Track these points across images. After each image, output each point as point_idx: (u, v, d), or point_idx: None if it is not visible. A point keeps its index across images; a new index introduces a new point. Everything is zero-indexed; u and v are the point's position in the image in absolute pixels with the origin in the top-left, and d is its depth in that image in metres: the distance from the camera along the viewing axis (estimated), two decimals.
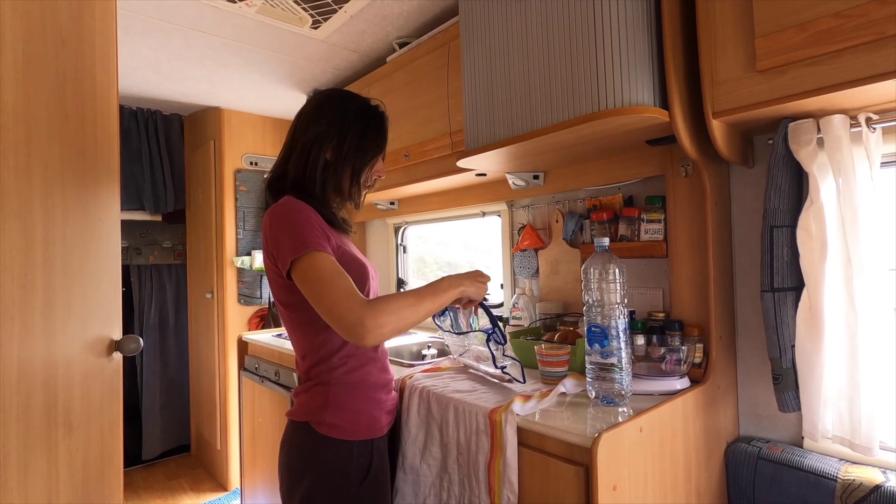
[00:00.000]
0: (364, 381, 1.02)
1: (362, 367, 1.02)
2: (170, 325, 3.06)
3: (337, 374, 0.99)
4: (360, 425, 0.99)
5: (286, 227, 0.90)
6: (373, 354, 1.05)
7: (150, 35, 1.84)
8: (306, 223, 0.91)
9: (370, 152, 1.04)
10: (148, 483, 2.72)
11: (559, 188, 1.61)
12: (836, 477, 1.02)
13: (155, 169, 2.84)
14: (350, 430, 0.97)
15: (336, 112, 1.02)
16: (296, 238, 0.89)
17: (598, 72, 1.04)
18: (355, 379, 1.01)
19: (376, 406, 1.03)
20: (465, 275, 1.03)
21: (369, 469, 0.98)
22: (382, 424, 1.04)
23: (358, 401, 1.00)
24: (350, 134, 1.01)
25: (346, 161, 1.01)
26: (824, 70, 0.88)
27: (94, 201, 0.91)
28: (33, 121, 0.74)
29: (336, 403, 0.98)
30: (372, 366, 1.04)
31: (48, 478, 0.76)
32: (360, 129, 1.02)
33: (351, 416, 0.98)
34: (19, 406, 0.69)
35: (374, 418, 1.01)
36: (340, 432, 0.96)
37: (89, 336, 0.89)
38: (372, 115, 1.06)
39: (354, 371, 1.01)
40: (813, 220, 1.02)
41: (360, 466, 0.97)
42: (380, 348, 1.08)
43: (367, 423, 1.00)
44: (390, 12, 1.72)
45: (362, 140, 1.02)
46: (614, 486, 0.86)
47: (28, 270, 0.72)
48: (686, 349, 1.15)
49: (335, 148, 1.01)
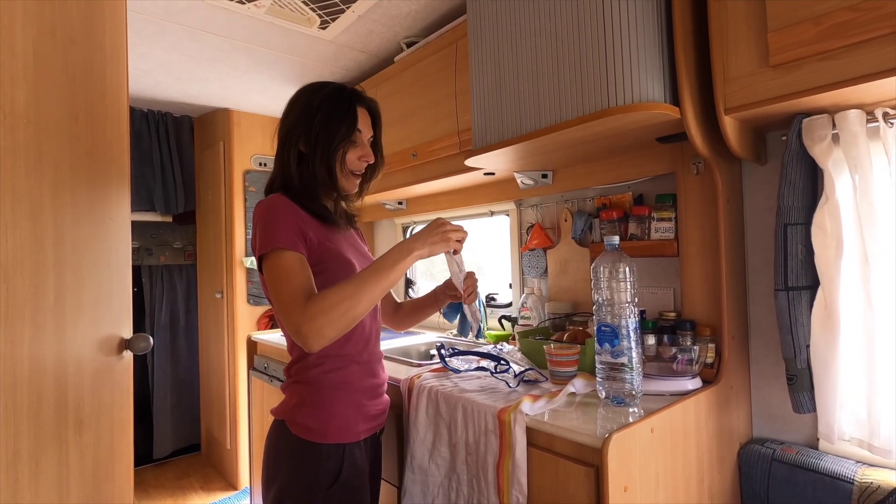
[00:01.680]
0: (342, 383, 0.99)
1: (342, 369, 0.99)
2: (180, 324, 3.09)
3: (313, 374, 0.98)
4: (332, 428, 0.95)
5: (259, 224, 0.91)
6: (356, 356, 1.01)
7: (162, 37, 1.86)
8: (279, 220, 0.90)
9: (338, 136, 0.98)
10: (159, 482, 2.74)
11: (568, 187, 1.60)
12: (853, 480, 1.00)
13: (166, 170, 2.86)
14: (320, 432, 0.94)
15: (304, 102, 1.00)
16: (265, 235, 0.89)
17: (608, 68, 1.03)
18: (333, 380, 0.98)
19: (354, 410, 0.99)
20: (418, 233, 0.93)
21: (339, 474, 0.94)
22: (359, 430, 0.99)
23: (332, 402, 0.97)
24: (317, 121, 0.97)
25: (316, 149, 0.97)
26: (839, 64, 0.86)
27: (104, 201, 0.92)
28: (43, 121, 0.74)
29: (309, 404, 0.97)
30: (355, 367, 1.01)
31: (59, 476, 0.76)
32: (327, 115, 0.97)
33: (324, 418, 0.95)
34: (31, 404, 0.69)
35: (347, 422, 0.97)
36: (310, 434, 0.94)
37: (100, 334, 0.90)
38: (339, 98, 1.00)
39: (332, 372, 0.98)
40: (828, 218, 1.00)
41: (329, 471, 0.93)
42: (367, 351, 1.04)
43: (339, 427, 0.96)
44: (398, 12, 1.72)
45: (328, 125, 0.97)
46: (625, 487, 0.85)
47: (39, 270, 0.73)
48: (698, 349, 1.14)
49: (305, 138, 0.98)
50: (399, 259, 0.89)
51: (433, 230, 0.94)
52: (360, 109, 1.02)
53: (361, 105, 1.03)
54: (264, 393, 1.98)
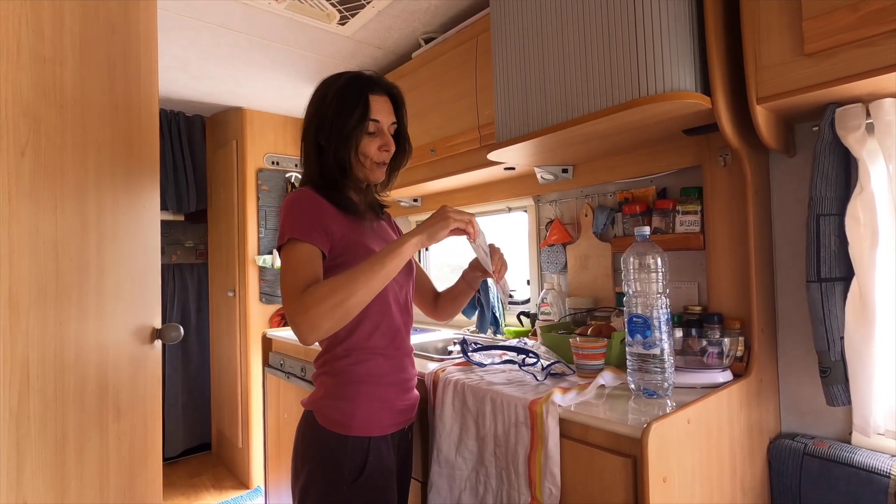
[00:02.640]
0: (368, 376, 0.98)
1: (368, 361, 0.98)
2: (192, 323, 3.09)
3: (339, 366, 0.97)
4: (356, 421, 0.94)
5: (281, 217, 0.93)
6: (383, 350, 1.00)
7: (181, 33, 1.86)
8: (299, 212, 0.91)
9: (348, 126, 0.96)
10: (170, 480, 2.73)
11: (589, 181, 1.59)
12: (890, 473, 0.99)
13: (178, 169, 2.87)
14: (345, 424, 0.94)
15: (320, 95, 1.00)
16: (283, 227, 0.91)
17: (639, 57, 1.02)
18: (359, 372, 0.97)
19: (380, 404, 0.98)
20: (424, 223, 0.93)
21: (363, 469, 0.93)
22: (385, 424, 0.98)
23: (357, 395, 0.96)
24: (330, 112, 0.97)
25: (331, 139, 0.97)
26: (877, 51, 0.85)
27: (138, 189, 0.92)
28: (88, 103, 0.74)
29: (334, 395, 0.97)
30: (381, 360, 1.00)
31: (100, 461, 0.76)
32: (339, 105, 0.97)
33: (348, 410, 0.95)
34: (76, 387, 0.69)
35: (372, 416, 0.96)
36: (335, 425, 0.94)
37: (136, 322, 0.90)
38: (351, 87, 0.99)
39: (358, 364, 0.97)
40: (862, 208, 0.99)
41: (354, 464, 0.93)
42: (394, 344, 1.02)
43: (364, 420, 0.95)
44: (417, 7, 1.72)
45: (339, 115, 0.97)
46: (664, 478, 0.84)
47: (83, 252, 0.72)
48: (728, 342, 1.13)
49: (321, 130, 0.98)
50: (395, 248, 0.87)
51: (433, 216, 0.93)
52: (377, 97, 1.00)
53: (378, 92, 1.00)
54: (280, 389, 1.97)
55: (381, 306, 1.00)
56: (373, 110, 0.98)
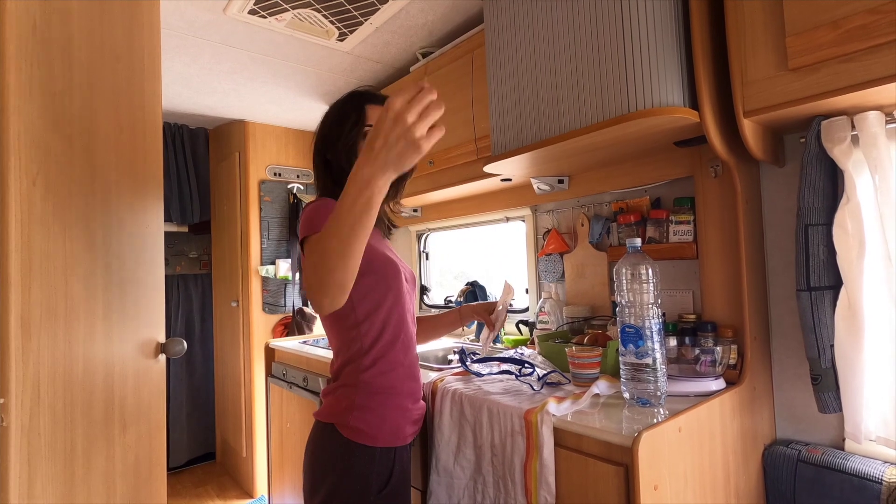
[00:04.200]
0: (391, 387, 1.01)
1: (391, 372, 1.01)
2: (196, 334, 3.12)
3: (365, 377, 0.99)
4: (385, 432, 0.98)
5: (302, 218, 0.93)
6: (402, 360, 1.04)
7: (183, 51, 1.91)
8: (324, 212, 0.92)
9: (343, 135, 1.01)
10: (175, 490, 2.76)
11: (584, 192, 1.62)
12: (882, 480, 1.00)
13: (182, 181, 2.91)
14: (373, 435, 0.96)
15: (323, 117, 1.06)
16: (308, 223, 0.90)
17: (628, 73, 1.05)
18: (383, 383, 1.00)
19: (402, 414, 1.02)
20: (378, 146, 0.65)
21: (390, 478, 0.96)
22: (406, 434, 1.03)
23: (384, 406, 0.99)
24: (332, 129, 1.02)
25: (333, 151, 1.02)
26: (859, 67, 0.87)
27: (142, 210, 0.95)
28: (94, 131, 0.77)
29: (362, 407, 0.98)
30: (401, 371, 1.03)
31: (106, 474, 0.79)
32: (337, 119, 1.03)
33: (376, 422, 0.97)
34: (84, 401, 0.72)
35: (398, 426, 1.00)
36: (363, 437, 0.96)
37: (140, 337, 0.93)
38: (347, 101, 1.04)
39: (383, 375, 1.00)
40: (849, 218, 1.01)
41: (381, 474, 0.96)
42: (409, 355, 1.06)
43: (392, 431, 0.99)
44: (414, 23, 1.75)
45: (337, 128, 1.02)
46: (655, 486, 0.86)
47: (90, 272, 0.76)
48: (721, 350, 1.15)
49: (324, 144, 1.04)
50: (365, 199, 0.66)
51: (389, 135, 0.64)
52: (373, 107, 1.04)
53: (376, 102, 1.05)
54: (283, 399, 2.00)
55: (399, 317, 1.03)
56: (369, 117, 1.02)
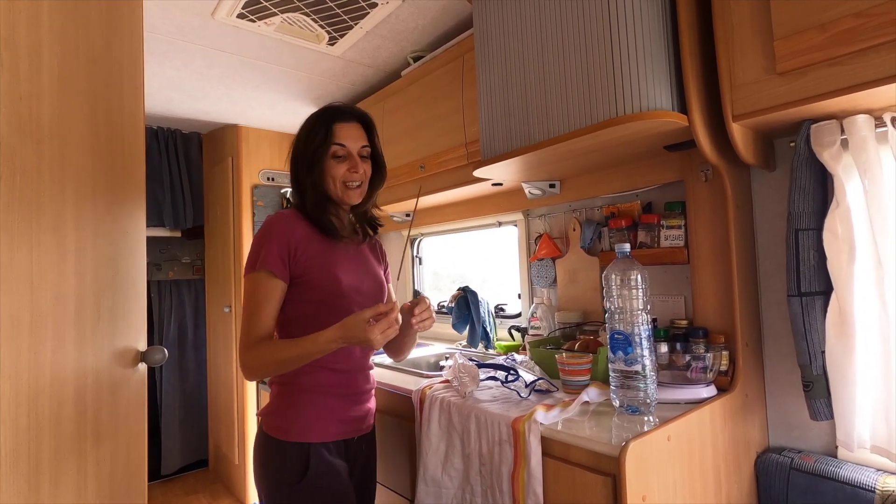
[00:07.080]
0: (313, 386, 1.03)
1: (314, 373, 1.03)
2: (189, 339, 3.09)
3: (287, 377, 1.04)
4: (296, 427, 1.00)
5: (252, 245, 1.03)
6: (332, 364, 1.04)
7: (174, 56, 1.90)
8: (266, 240, 0.99)
9: (309, 153, 1.05)
10: (167, 498, 2.72)
11: (576, 196, 1.61)
12: (874, 488, 0.99)
13: (175, 186, 2.90)
14: (284, 430, 1.00)
15: (299, 131, 1.10)
16: (251, 255, 1.01)
17: (615, 77, 1.04)
18: (303, 383, 1.03)
19: (324, 413, 1.03)
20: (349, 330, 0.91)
21: (305, 472, 0.98)
22: (329, 431, 1.03)
23: (300, 403, 1.02)
24: (299, 145, 1.08)
25: (303, 166, 1.06)
26: (846, 70, 0.87)
27: (121, 215, 0.94)
28: (67, 135, 0.76)
29: (280, 403, 1.03)
30: (327, 374, 1.04)
31: (77, 488, 0.77)
32: (305, 137, 1.07)
33: (289, 417, 1.01)
34: (52, 414, 0.70)
35: (312, 423, 1.01)
36: (276, 431, 1.01)
37: (117, 346, 0.91)
38: (316, 119, 1.08)
39: (304, 375, 1.03)
40: (839, 222, 1.00)
41: (294, 469, 0.98)
42: (345, 361, 1.06)
43: (304, 426, 1.00)
44: (405, 27, 1.74)
45: (305, 146, 1.06)
46: (643, 496, 0.84)
47: (61, 281, 0.74)
48: (711, 356, 1.13)
49: (295, 160, 1.08)
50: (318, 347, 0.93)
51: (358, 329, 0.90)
52: (344, 124, 1.07)
53: (346, 120, 1.08)
54: None
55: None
56: (338, 136, 1.06)
